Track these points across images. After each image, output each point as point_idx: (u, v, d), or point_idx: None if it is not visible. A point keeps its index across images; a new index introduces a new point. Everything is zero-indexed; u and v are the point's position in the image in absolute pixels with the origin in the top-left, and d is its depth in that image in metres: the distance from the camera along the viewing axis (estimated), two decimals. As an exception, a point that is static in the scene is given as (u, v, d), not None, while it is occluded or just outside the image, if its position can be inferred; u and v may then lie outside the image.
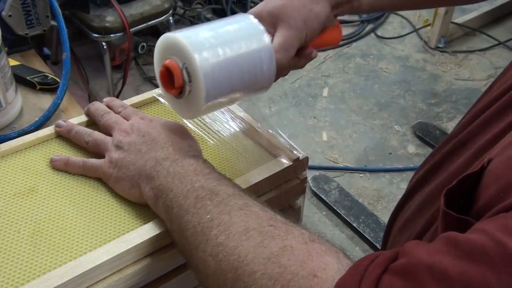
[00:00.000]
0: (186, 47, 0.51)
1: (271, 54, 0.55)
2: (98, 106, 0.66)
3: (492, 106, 0.52)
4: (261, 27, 0.56)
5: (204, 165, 0.53)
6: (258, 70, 0.55)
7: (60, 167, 0.60)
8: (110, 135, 0.60)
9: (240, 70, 0.53)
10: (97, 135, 0.61)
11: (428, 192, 0.56)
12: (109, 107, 0.66)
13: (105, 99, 0.67)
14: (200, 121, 0.68)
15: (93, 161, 0.59)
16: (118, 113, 0.64)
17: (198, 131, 0.66)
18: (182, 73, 0.52)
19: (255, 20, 0.56)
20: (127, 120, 0.61)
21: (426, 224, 0.53)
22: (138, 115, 0.62)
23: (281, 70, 0.59)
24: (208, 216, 0.46)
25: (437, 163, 0.58)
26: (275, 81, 0.60)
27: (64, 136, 0.64)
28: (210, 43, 0.52)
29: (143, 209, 0.55)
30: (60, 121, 0.65)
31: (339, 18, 0.64)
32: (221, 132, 0.66)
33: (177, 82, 0.52)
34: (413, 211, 0.58)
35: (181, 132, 0.58)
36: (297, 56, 0.61)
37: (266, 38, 0.55)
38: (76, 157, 0.60)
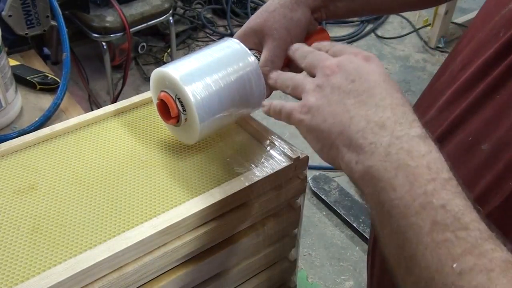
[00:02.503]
0: (177, 80, 0.55)
1: (257, 72, 0.59)
2: (300, 47, 0.54)
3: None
4: (244, 49, 0.60)
5: (438, 157, 0.39)
6: (247, 89, 0.59)
7: (265, 110, 0.53)
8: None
9: (230, 93, 0.57)
10: (298, 76, 0.50)
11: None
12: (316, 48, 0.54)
13: (314, 44, 0.54)
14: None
15: (289, 104, 0.49)
16: (326, 51, 0.51)
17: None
18: (176, 104, 0.57)
19: (239, 44, 0.60)
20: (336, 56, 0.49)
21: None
22: (350, 51, 0.48)
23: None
24: (454, 265, 0.34)
25: (457, 119, 0.53)
26: (268, 95, 0.62)
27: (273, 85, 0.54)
28: (199, 73, 0.56)
29: (143, 207, 0.55)
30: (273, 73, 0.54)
31: (339, 20, 0.66)
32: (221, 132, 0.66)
33: (172, 112, 0.57)
34: None
35: (395, 86, 0.44)
36: (287, 67, 0.63)
37: (251, 58, 0.59)
38: (277, 101, 0.51)
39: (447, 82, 0.58)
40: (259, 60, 0.61)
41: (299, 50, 0.53)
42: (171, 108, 0.57)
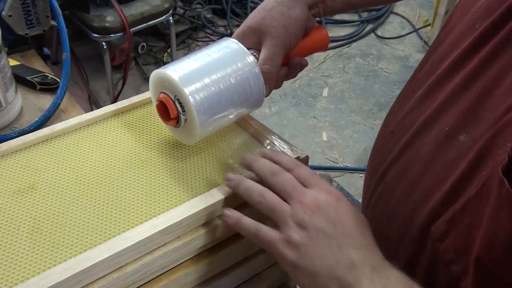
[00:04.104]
0: (176, 81, 0.56)
1: (256, 71, 0.59)
2: (264, 163, 0.55)
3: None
4: (243, 48, 0.59)
5: (409, 279, 0.46)
6: (246, 89, 0.59)
7: (231, 223, 0.53)
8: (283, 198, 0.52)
9: (229, 93, 0.57)
10: (271, 198, 0.51)
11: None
12: (274, 162, 0.55)
13: (265, 151, 0.57)
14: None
15: (267, 231, 0.50)
16: (289, 171, 0.53)
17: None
18: (175, 105, 0.57)
19: (237, 44, 0.60)
20: (305, 186, 0.52)
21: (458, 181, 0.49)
22: (320, 185, 0.52)
23: (272, 81, 0.62)
24: None
25: (438, 109, 0.55)
26: (268, 94, 0.62)
27: (233, 190, 0.55)
28: (197, 74, 0.56)
29: (143, 207, 0.55)
30: (230, 174, 0.55)
31: (340, 17, 0.66)
32: (221, 131, 0.66)
33: (172, 113, 0.57)
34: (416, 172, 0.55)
35: (364, 222, 0.51)
36: (286, 66, 0.63)
37: (249, 57, 0.59)
38: (249, 220, 0.52)
39: (427, 72, 0.59)
40: (258, 59, 0.61)
41: (261, 164, 0.54)
42: (171, 110, 0.57)
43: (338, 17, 2.98)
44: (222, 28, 2.90)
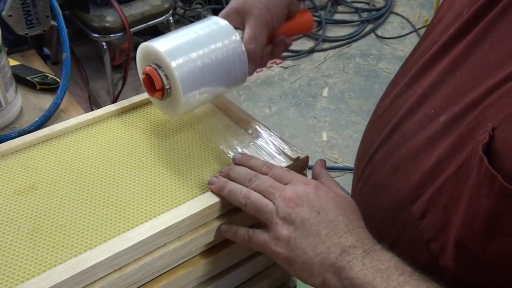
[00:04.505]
0: (161, 54, 0.57)
1: (240, 49, 0.61)
2: (239, 171, 0.56)
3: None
4: (230, 26, 0.61)
5: (400, 260, 0.47)
6: (231, 65, 0.61)
7: (229, 237, 0.55)
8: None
9: (214, 68, 0.59)
10: (254, 198, 0.52)
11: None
12: (249, 167, 0.57)
13: (236, 157, 0.59)
14: (197, 120, 0.68)
15: (258, 234, 0.52)
16: (265, 174, 0.55)
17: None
18: (160, 77, 0.58)
19: (224, 21, 0.62)
20: (283, 184, 0.53)
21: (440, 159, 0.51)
22: (297, 178, 0.54)
23: (256, 60, 0.64)
24: None
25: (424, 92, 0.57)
26: (253, 72, 0.65)
27: (216, 194, 0.56)
28: (184, 48, 0.58)
29: (143, 207, 0.55)
30: (213, 177, 0.57)
31: (340, 17, 0.68)
32: (221, 131, 0.66)
33: (157, 85, 0.58)
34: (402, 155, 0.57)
35: (350, 205, 0.53)
36: (270, 44, 0.66)
37: (235, 34, 0.61)
38: (242, 229, 0.54)
39: (416, 59, 0.61)
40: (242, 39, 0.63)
41: (237, 173, 0.56)
42: (156, 81, 0.58)
43: (338, 17, 2.98)
44: (222, 28, 2.89)
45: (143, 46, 0.61)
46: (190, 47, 0.59)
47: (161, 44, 0.59)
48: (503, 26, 0.49)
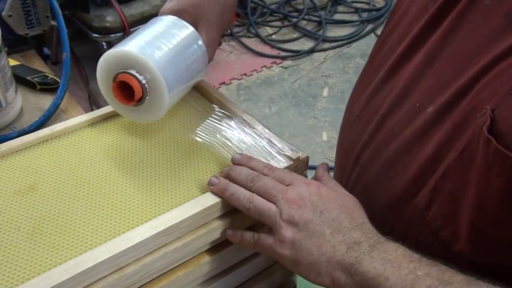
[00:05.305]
0: (138, 55, 0.56)
1: (203, 49, 0.64)
2: (240, 171, 0.56)
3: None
4: (195, 31, 0.63)
5: (407, 248, 0.48)
6: (194, 64, 0.63)
7: (235, 242, 0.55)
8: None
9: (185, 64, 0.61)
10: (258, 202, 0.52)
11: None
12: (249, 168, 0.57)
13: (235, 157, 0.58)
14: (197, 120, 0.68)
15: (263, 238, 0.52)
16: (266, 175, 0.55)
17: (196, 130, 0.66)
18: (139, 82, 0.57)
19: (187, 26, 0.64)
20: (284, 185, 0.53)
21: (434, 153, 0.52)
22: (298, 179, 0.54)
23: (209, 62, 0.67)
24: None
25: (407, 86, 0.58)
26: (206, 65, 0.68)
27: (218, 196, 0.55)
28: (158, 48, 0.59)
29: (143, 208, 0.55)
30: (213, 178, 0.56)
31: (340, 17, 0.70)
32: (221, 131, 0.66)
33: (136, 90, 0.57)
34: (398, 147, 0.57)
35: (353, 202, 0.53)
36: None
37: (199, 38, 0.64)
38: (248, 233, 0.54)
39: (386, 56, 0.62)
40: None
41: (237, 173, 0.56)
42: (135, 86, 0.57)
43: (338, 17, 2.98)
44: (222, 28, 2.89)
45: (110, 54, 0.58)
46: (161, 45, 0.59)
47: (133, 47, 0.58)
48: (476, 14, 0.50)
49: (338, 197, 0.52)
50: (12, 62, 0.93)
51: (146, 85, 0.57)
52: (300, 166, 0.62)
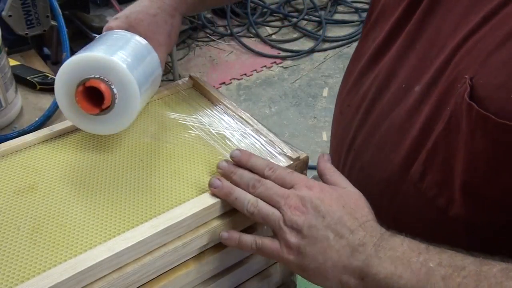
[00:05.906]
0: (107, 59, 0.56)
1: (159, 61, 0.66)
2: (241, 174, 0.55)
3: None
4: (148, 44, 0.64)
5: (411, 240, 0.48)
6: (154, 70, 0.65)
7: (232, 244, 0.54)
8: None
9: (147, 72, 0.62)
10: (261, 207, 0.52)
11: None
12: (249, 167, 0.56)
13: (234, 154, 0.56)
14: (196, 120, 0.68)
15: (267, 243, 0.52)
16: (267, 177, 0.54)
17: (195, 129, 0.66)
18: (110, 87, 0.56)
19: (143, 40, 0.64)
20: (286, 187, 0.53)
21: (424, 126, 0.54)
22: (300, 181, 0.53)
23: None
24: None
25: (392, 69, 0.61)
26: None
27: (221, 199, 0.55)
28: (126, 55, 0.59)
29: (143, 207, 0.55)
30: (216, 180, 0.55)
31: (340, 17, 0.72)
32: (220, 131, 0.66)
33: (107, 94, 0.56)
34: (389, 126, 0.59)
35: (356, 200, 0.52)
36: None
37: (153, 50, 0.65)
38: (248, 237, 0.53)
39: (369, 45, 0.66)
40: None
41: (239, 176, 0.55)
42: (105, 91, 0.56)
43: (338, 17, 2.98)
44: (222, 28, 2.89)
45: (74, 60, 0.57)
46: (124, 51, 0.59)
47: (99, 51, 0.57)
48: None
49: (340, 198, 0.52)
50: (12, 62, 0.93)
51: (114, 89, 0.57)
52: (300, 166, 0.62)
